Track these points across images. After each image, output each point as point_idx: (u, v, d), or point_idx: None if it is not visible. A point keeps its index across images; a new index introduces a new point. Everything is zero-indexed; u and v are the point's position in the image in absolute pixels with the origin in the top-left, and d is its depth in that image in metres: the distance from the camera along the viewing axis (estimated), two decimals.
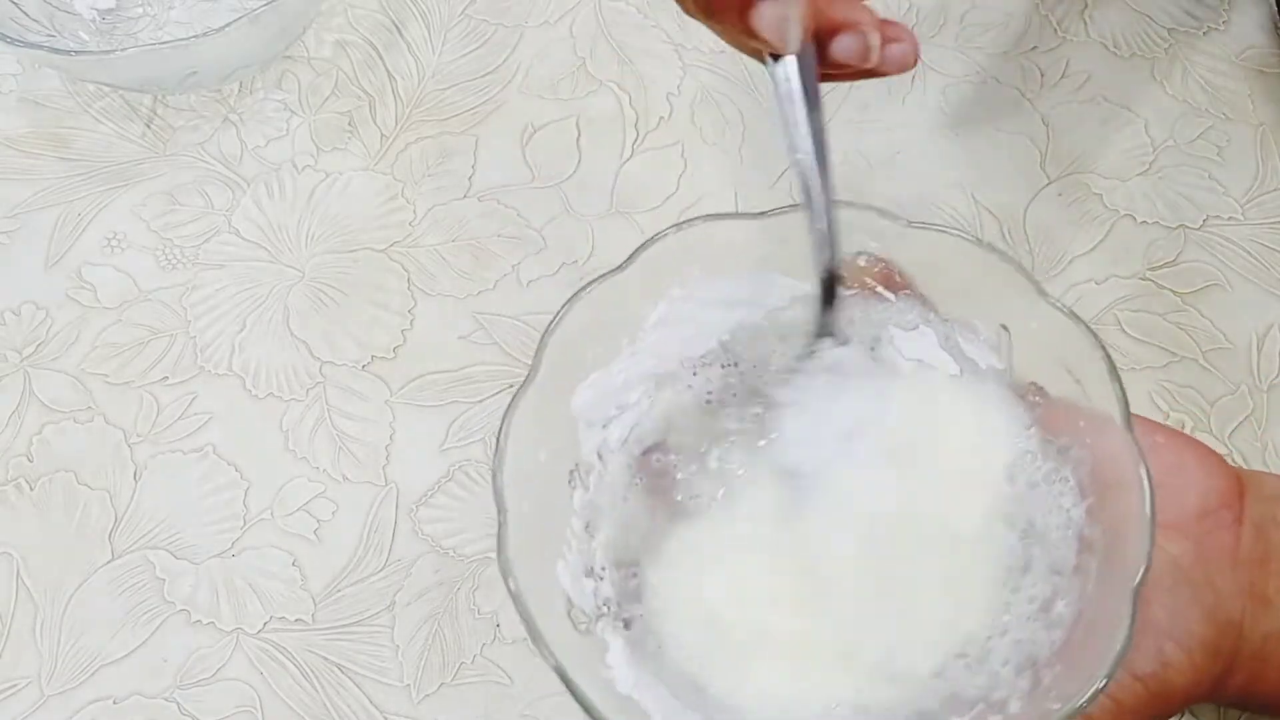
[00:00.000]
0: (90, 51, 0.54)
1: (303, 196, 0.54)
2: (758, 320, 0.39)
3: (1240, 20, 0.58)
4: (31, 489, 0.48)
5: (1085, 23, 0.58)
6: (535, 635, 0.31)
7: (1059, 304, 0.34)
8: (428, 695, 0.44)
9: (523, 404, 0.34)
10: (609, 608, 0.35)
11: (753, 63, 0.57)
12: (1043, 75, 0.57)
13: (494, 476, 0.32)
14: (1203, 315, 0.50)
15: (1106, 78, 0.57)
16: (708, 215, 0.36)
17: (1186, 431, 0.48)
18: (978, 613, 0.34)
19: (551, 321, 0.35)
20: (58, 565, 0.46)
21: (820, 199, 0.33)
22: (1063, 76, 0.57)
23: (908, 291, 0.38)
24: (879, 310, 0.38)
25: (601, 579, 0.35)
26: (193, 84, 0.53)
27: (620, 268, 0.36)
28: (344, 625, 0.45)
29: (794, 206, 0.35)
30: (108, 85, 0.56)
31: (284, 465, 0.48)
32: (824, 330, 0.36)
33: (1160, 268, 0.52)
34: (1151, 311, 0.50)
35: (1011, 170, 0.54)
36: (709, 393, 0.38)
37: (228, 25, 0.48)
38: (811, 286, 0.35)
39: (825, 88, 0.34)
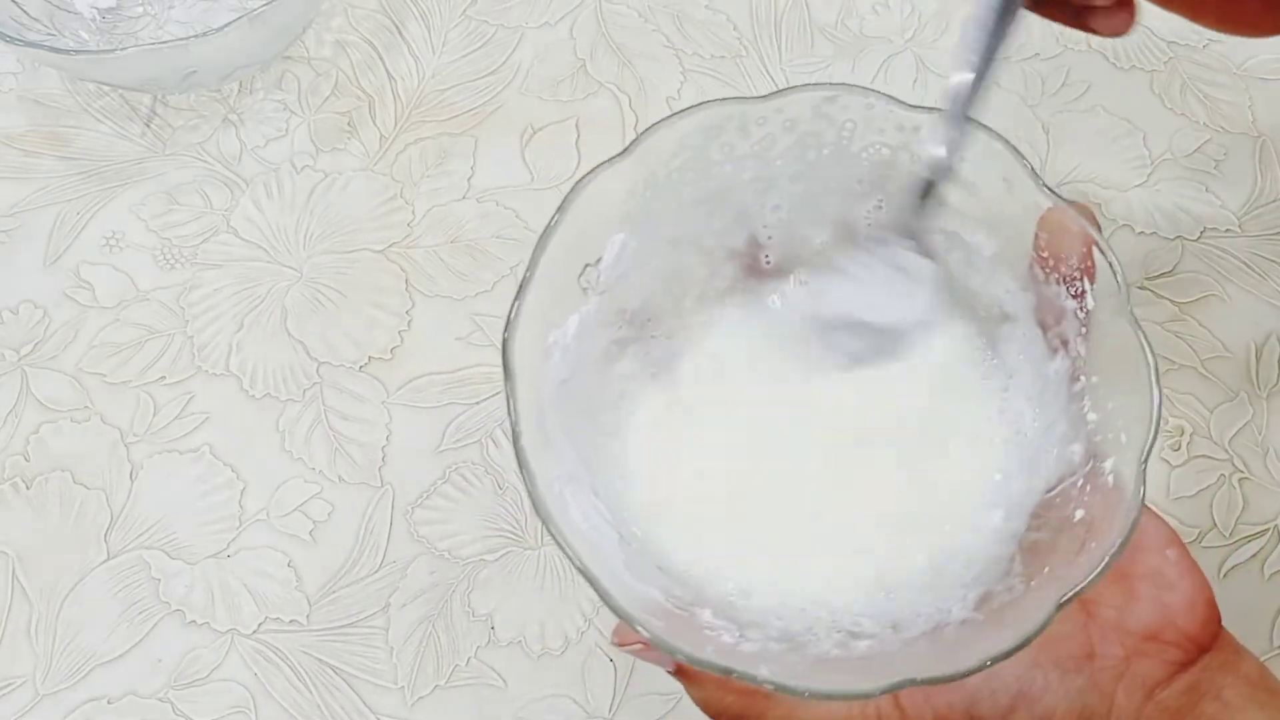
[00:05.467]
0: (90, 51, 0.54)
1: (301, 197, 0.54)
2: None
3: None
4: (28, 488, 0.48)
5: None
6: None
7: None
8: (422, 697, 0.44)
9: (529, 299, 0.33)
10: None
11: (753, 66, 0.58)
12: (1043, 82, 0.57)
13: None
14: (1201, 325, 0.51)
15: (1106, 88, 0.57)
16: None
17: (1185, 438, 0.48)
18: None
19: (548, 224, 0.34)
20: (53, 564, 0.46)
21: (961, 106, 0.34)
22: (1063, 85, 0.57)
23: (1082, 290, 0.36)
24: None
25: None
26: (192, 83, 0.53)
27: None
28: (339, 626, 0.45)
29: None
30: (107, 84, 0.56)
31: (280, 466, 0.48)
32: (911, 231, 0.36)
33: (1158, 277, 0.52)
34: (1150, 320, 0.51)
35: None
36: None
37: (228, 25, 0.48)
38: (917, 183, 0.35)
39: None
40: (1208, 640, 0.33)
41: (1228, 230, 0.53)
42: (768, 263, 0.39)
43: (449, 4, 0.59)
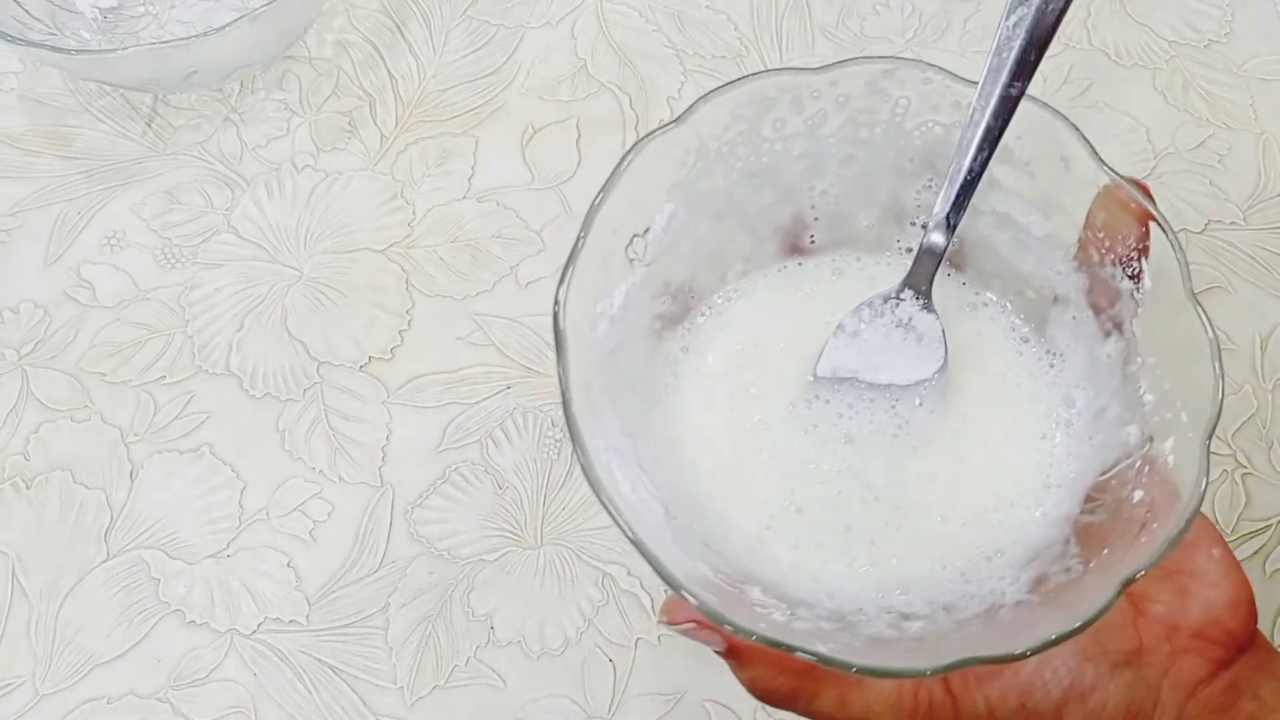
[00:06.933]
0: (91, 50, 0.54)
1: (302, 196, 0.54)
2: None
3: (1242, 31, 0.58)
4: (28, 488, 0.48)
5: (1088, 31, 0.58)
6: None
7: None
8: (421, 698, 0.44)
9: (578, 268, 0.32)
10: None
11: (754, 66, 0.58)
12: (1044, 80, 0.57)
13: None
14: None
15: (1108, 85, 0.56)
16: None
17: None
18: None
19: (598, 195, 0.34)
20: (53, 564, 0.46)
21: (969, 157, 0.34)
22: (1065, 82, 0.57)
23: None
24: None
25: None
26: (193, 83, 0.53)
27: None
28: (338, 627, 0.45)
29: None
30: (109, 84, 0.56)
31: (280, 465, 0.48)
32: (911, 282, 0.36)
33: None
34: None
35: None
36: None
37: (229, 25, 0.48)
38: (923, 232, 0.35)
39: None
40: (1247, 640, 0.33)
41: (1232, 223, 0.53)
42: (812, 242, 0.39)
43: (450, 4, 0.59)
